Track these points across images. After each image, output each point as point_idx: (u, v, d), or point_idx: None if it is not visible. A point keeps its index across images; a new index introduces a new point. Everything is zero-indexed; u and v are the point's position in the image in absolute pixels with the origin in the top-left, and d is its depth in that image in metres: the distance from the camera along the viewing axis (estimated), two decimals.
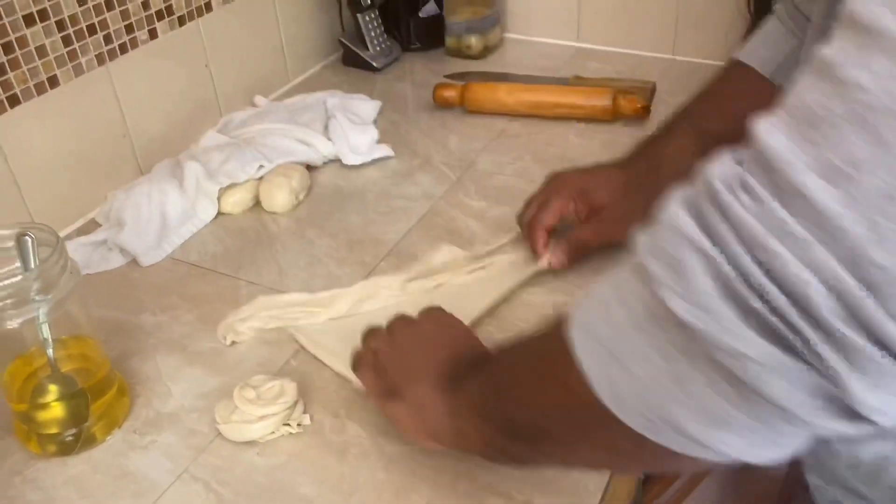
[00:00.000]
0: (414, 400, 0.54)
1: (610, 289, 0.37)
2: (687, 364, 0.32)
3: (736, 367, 0.30)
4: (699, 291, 0.30)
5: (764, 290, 0.29)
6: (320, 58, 1.25)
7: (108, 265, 0.83)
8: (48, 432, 0.64)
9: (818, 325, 0.28)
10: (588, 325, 0.37)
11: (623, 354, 0.35)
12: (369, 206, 0.92)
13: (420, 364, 0.56)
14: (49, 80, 0.84)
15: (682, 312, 0.31)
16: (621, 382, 0.35)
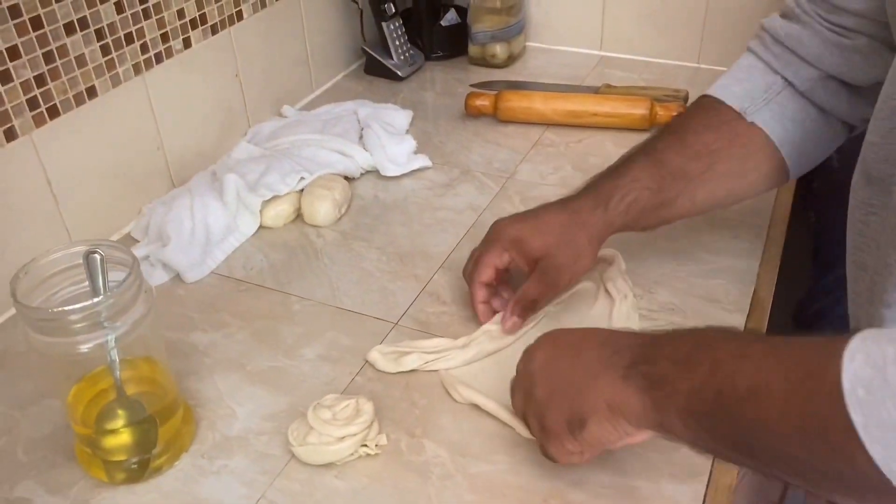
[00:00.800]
0: (599, 405, 0.50)
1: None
2: None
3: None
4: None
5: None
6: (343, 67, 1.23)
7: (151, 282, 0.80)
8: (115, 459, 0.61)
9: None
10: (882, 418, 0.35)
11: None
12: (413, 217, 0.90)
13: (576, 375, 0.52)
14: (87, 90, 0.81)
15: None
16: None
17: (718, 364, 0.44)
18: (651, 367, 0.48)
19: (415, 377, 0.69)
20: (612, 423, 0.50)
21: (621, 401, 0.49)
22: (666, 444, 0.61)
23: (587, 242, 0.69)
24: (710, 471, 0.60)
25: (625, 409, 0.49)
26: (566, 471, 0.60)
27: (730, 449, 0.45)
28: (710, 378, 0.44)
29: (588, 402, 0.50)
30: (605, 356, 0.51)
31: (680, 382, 0.46)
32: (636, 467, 0.60)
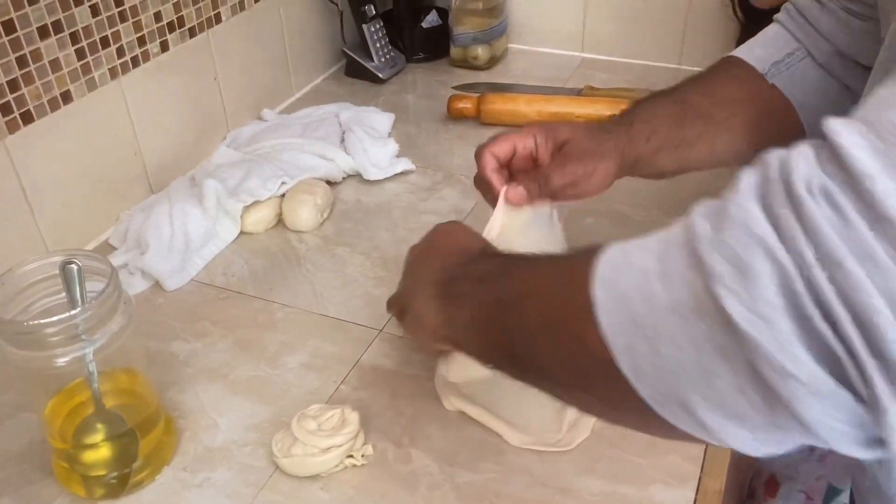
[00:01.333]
0: (416, 312, 0.55)
1: (654, 261, 0.35)
2: (720, 362, 0.31)
3: (777, 383, 0.30)
4: (763, 301, 0.29)
5: (831, 311, 0.28)
6: (323, 69, 1.22)
7: (130, 290, 0.78)
8: (94, 474, 0.59)
9: (879, 354, 0.28)
10: (619, 290, 0.36)
11: (652, 332, 0.34)
12: (398, 222, 0.89)
13: (419, 276, 0.57)
14: (62, 95, 0.79)
15: (738, 317, 0.30)
16: (643, 356, 0.34)
17: (506, 278, 0.47)
18: (454, 287, 0.51)
19: (401, 385, 0.68)
20: (417, 328, 0.56)
21: (426, 315, 0.53)
22: (655, 451, 0.61)
23: (612, 147, 0.66)
24: (700, 476, 0.60)
25: (424, 322, 0.53)
26: (555, 479, 0.59)
27: (504, 359, 0.47)
28: (494, 290, 0.47)
29: (413, 304, 0.55)
30: (438, 267, 0.54)
31: (472, 298, 0.49)
32: (625, 474, 0.59)
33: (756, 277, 0.30)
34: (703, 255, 0.32)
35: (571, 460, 0.61)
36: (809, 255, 0.29)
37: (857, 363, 0.28)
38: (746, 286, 0.30)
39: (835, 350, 0.29)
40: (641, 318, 0.34)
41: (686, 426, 0.34)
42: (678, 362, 0.33)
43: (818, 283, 0.28)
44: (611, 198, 0.89)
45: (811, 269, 0.28)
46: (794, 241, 0.29)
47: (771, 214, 0.30)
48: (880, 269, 0.27)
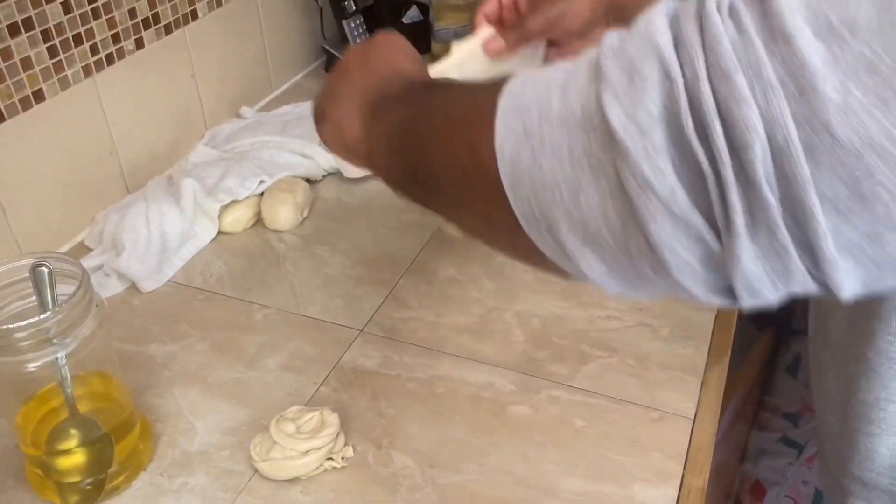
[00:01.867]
0: (335, 119, 0.54)
1: (560, 75, 0.34)
2: (590, 178, 0.31)
3: (635, 195, 0.29)
4: (643, 108, 0.29)
5: (708, 126, 0.27)
6: (303, 66, 1.21)
7: (106, 292, 0.78)
8: (69, 480, 0.58)
9: (745, 178, 0.27)
10: (521, 99, 0.35)
11: (539, 142, 0.33)
12: (378, 220, 0.88)
13: (349, 83, 0.54)
14: (34, 94, 0.77)
15: (615, 123, 0.29)
16: (524, 166, 0.34)
17: (427, 96, 0.47)
18: (380, 105, 0.50)
19: (382, 386, 0.67)
20: (335, 136, 0.54)
21: (348, 126, 0.52)
22: (638, 450, 0.60)
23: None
24: (682, 475, 0.59)
25: (348, 134, 0.52)
26: (537, 480, 0.59)
27: (407, 174, 0.46)
28: (412, 106, 0.47)
29: (332, 111, 0.54)
30: (370, 83, 0.52)
31: (392, 115, 0.48)
32: (607, 473, 0.59)
33: (643, 83, 0.29)
34: (602, 64, 0.31)
35: (554, 460, 0.60)
36: (701, 65, 0.28)
37: (720, 182, 0.28)
38: (632, 93, 0.29)
39: (700, 166, 0.28)
40: (532, 127, 0.34)
41: (548, 249, 0.35)
42: (553, 176, 0.33)
43: (701, 93, 0.27)
44: None
45: (698, 79, 0.28)
46: (688, 52, 0.28)
47: (676, 27, 0.29)
48: (765, 86, 0.26)
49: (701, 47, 0.28)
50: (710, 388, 0.67)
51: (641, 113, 0.29)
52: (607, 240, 0.32)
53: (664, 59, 0.29)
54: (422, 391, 0.66)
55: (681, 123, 0.28)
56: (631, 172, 0.29)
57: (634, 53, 0.30)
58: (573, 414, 0.64)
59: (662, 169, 0.28)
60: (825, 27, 0.26)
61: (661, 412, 0.63)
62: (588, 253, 0.33)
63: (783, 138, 0.26)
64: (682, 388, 0.65)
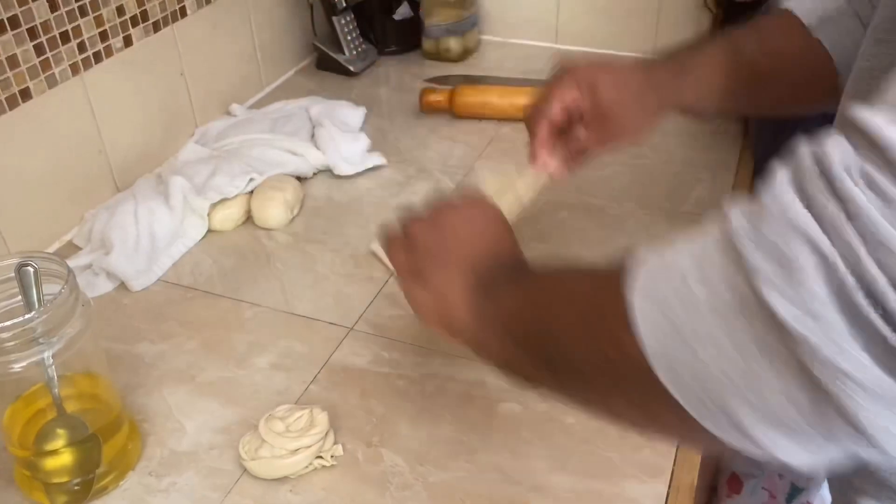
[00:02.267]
0: (439, 286, 0.51)
1: (690, 262, 0.33)
2: (766, 365, 0.30)
3: (829, 382, 0.28)
4: (811, 296, 0.28)
5: (885, 301, 0.26)
6: (294, 63, 1.20)
7: (95, 291, 0.77)
8: (57, 481, 0.58)
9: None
10: (655, 292, 0.34)
11: (691, 335, 0.32)
12: (369, 218, 0.88)
13: (453, 250, 0.52)
14: (21, 92, 0.77)
15: (786, 316, 0.28)
16: (682, 361, 0.33)
17: (542, 281, 0.47)
18: (490, 282, 0.49)
19: (372, 384, 0.67)
20: (435, 307, 0.51)
21: (454, 302, 0.50)
22: (627, 446, 0.60)
23: (656, 107, 0.67)
24: (672, 470, 0.59)
25: (452, 310, 0.50)
26: (527, 476, 0.58)
27: (538, 362, 0.45)
28: (531, 292, 0.46)
29: (436, 278, 0.51)
30: (477, 262, 0.51)
31: (507, 299, 0.47)
32: (598, 470, 0.59)
33: (801, 271, 0.28)
34: (742, 250, 0.30)
35: (544, 457, 0.60)
36: (856, 242, 0.27)
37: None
38: (791, 282, 0.28)
39: (891, 343, 0.27)
40: (680, 321, 0.33)
41: (730, 437, 0.33)
42: (720, 367, 0.31)
43: (867, 270, 0.27)
44: (585, 191, 0.89)
45: (858, 256, 0.27)
46: (837, 230, 0.27)
47: (810, 204, 0.28)
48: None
49: (847, 221, 0.27)
50: None
51: (810, 301, 0.28)
52: (801, 425, 0.30)
53: (814, 242, 0.28)
54: (412, 389, 0.66)
55: (857, 305, 0.27)
56: (818, 360, 0.28)
57: (778, 238, 0.29)
58: (563, 411, 0.63)
59: (851, 352, 0.28)
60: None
61: None
62: (779, 437, 0.31)
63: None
64: None
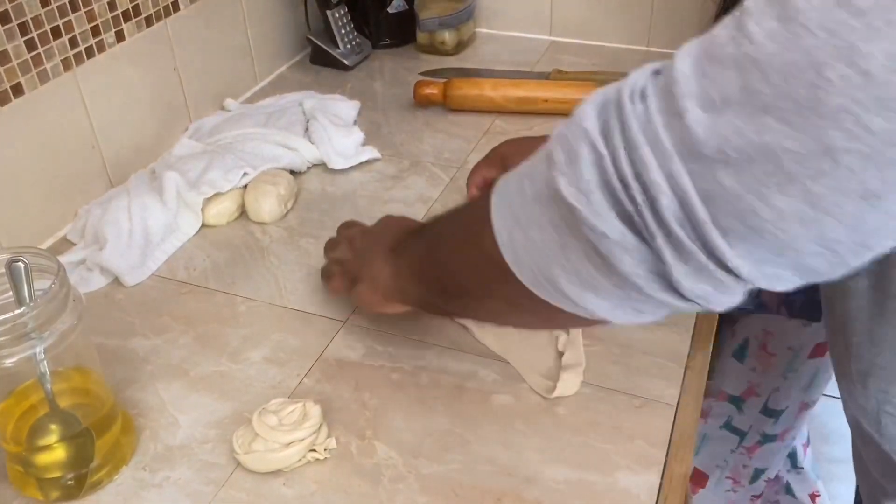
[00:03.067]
0: (369, 275, 0.63)
1: (527, 165, 0.42)
2: (569, 235, 0.38)
3: (598, 243, 0.37)
4: (583, 179, 0.37)
5: (630, 187, 0.35)
6: (287, 57, 1.20)
7: (88, 287, 0.77)
8: (49, 476, 0.58)
9: (661, 223, 0.34)
10: (505, 193, 0.43)
11: (525, 221, 0.41)
12: (363, 211, 0.88)
13: (372, 248, 0.64)
14: (13, 88, 0.77)
15: (565, 193, 0.37)
16: (520, 244, 0.41)
17: (437, 224, 0.57)
18: (399, 245, 0.60)
19: (365, 377, 0.67)
20: (371, 290, 0.63)
21: (379, 274, 0.61)
22: (621, 437, 0.60)
23: None
24: (665, 461, 0.59)
25: (380, 282, 0.61)
26: (520, 468, 0.59)
27: (438, 293, 0.55)
28: (427, 235, 0.57)
29: (364, 271, 0.64)
30: (390, 240, 0.62)
31: (411, 248, 0.58)
32: (590, 461, 0.59)
33: (579, 160, 0.37)
34: (551, 151, 0.39)
35: (537, 448, 0.60)
36: (619, 143, 0.35)
37: (647, 225, 0.35)
38: (572, 167, 0.37)
39: (633, 215, 0.35)
40: (516, 210, 0.42)
41: (559, 302, 0.41)
42: (543, 243, 0.40)
43: (622, 163, 0.35)
44: None
45: (618, 152, 0.35)
46: (610, 133, 0.36)
47: (600, 114, 0.37)
48: (665, 153, 0.34)
49: (619, 129, 0.36)
50: (693, 374, 0.67)
51: (583, 182, 0.37)
52: (599, 280, 0.39)
53: (592, 140, 0.37)
54: (406, 382, 0.66)
55: (613, 186, 0.36)
56: (588, 227, 0.37)
57: (571, 137, 0.38)
58: (556, 402, 0.63)
59: (609, 220, 0.36)
60: (707, 101, 0.33)
61: (643, 399, 0.63)
62: (590, 296, 0.40)
63: (681, 190, 0.34)
64: (666, 374, 0.65)
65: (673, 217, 0.34)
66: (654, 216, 0.35)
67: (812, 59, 0.30)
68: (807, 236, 0.33)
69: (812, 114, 0.30)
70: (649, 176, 0.34)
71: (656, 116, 0.34)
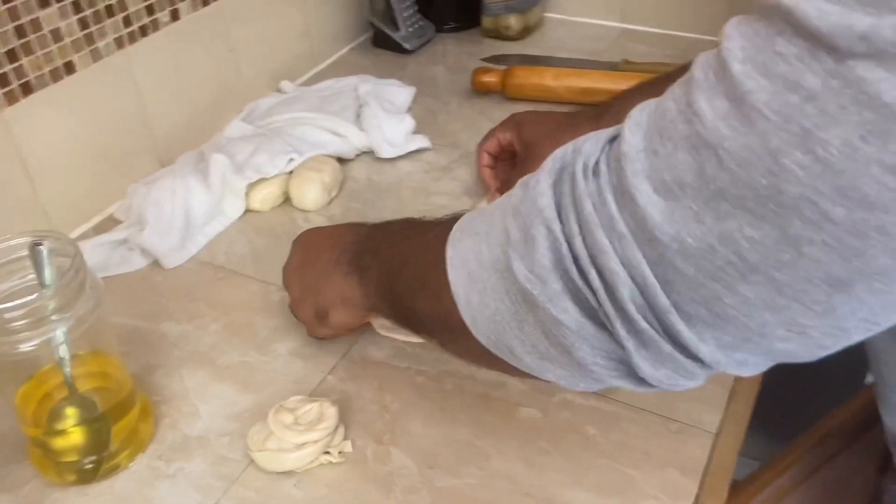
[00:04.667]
0: (335, 299, 0.60)
1: (486, 225, 0.41)
2: (525, 312, 0.37)
3: (554, 330, 0.36)
4: (538, 262, 0.35)
5: (587, 274, 0.34)
6: (349, 39, 1.18)
7: (129, 267, 0.78)
8: (66, 460, 0.58)
9: (620, 310, 0.33)
10: (462, 250, 0.42)
11: (481, 286, 0.40)
12: (406, 203, 0.85)
13: (316, 275, 0.61)
14: (65, 65, 0.77)
15: (520, 276, 0.36)
16: (476, 307, 0.40)
17: (394, 247, 0.55)
18: (360, 261, 0.58)
19: (389, 378, 0.65)
20: (347, 310, 0.60)
21: (348, 292, 0.59)
22: (650, 463, 0.56)
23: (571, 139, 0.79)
24: (697, 494, 0.55)
25: (352, 299, 0.59)
26: (540, 489, 0.55)
27: (399, 314, 0.54)
28: (385, 258, 0.55)
29: (327, 297, 0.60)
30: (334, 257, 0.60)
31: (374, 269, 0.56)
32: (617, 488, 0.55)
33: (535, 242, 0.35)
34: (506, 221, 0.38)
35: (559, 468, 0.57)
36: (574, 225, 0.34)
37: (605, 312, 0.34)
38: (528, 250, 0.36)
39: (591, 301, 0.34)
40: (473, 272, 0.40)
41: (519, 366, 0.41)
42: (499, 313, 0.39)
43: (577, 248, 0.34)
44: None
45: (574, 237, 0.34)
46: (565, 213, 0.35)
47: (556, 191, 0.36)
48: (621, 238, 0.32)
49: (573, 208, 0.34)
50: (738, 400, 0.62)
51: (538, 267, 0.35)
52: (555, 356, 0.37)
53: (547, 221, 0.35)
54: (429, 386, 0.64)
55: (569, 273, 0.34)
56: (544, 313, 0.36)
57: (526, 215, 0.36)
58: (585, 420, 0.60)
59: (566, 307, 0.35)
60: (661, 184, 0.31)
61: (680, 424, 0.59)
62: (548, 366, 0.39)
63: (641, 278, 0.32)
64: (707, 397, 0.61)
65: (633, 304, 0.33)
66: (612, 303, 0.33)
67: (768, 146, 0.28)
68: (776, 322, 0.31)
69: (772, 203, 0.28)
70: (606, 262, 0.33)
71: (609, 196, 0.33)
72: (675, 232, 0.31)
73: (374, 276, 0.56)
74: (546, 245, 0.35)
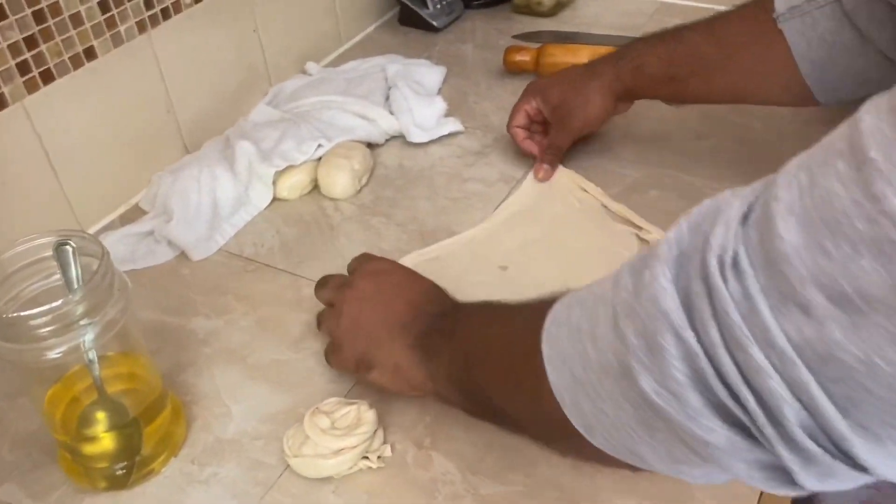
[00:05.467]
0: (387, 363, 0.55)
1: (587, 320, 0.36)
2: (657, 419, 0.32)
3: (699, 449, 0.31)
4: (671, 377, 0.30)
5: (737, 392, 0.29)
6: (375, 17, 1.14)
7: (155, 260, 0.75)
8: (97, 466, 0.56)
9: (786, 436, 0.28)
10: (561, 348, 0.37)
11: (593, 392, 0.35)
12: (439, 190, 0.82)
13: (378, 325, 0.56)
14: (86, 51, 0.75)
15: (649, 391, 0.31)
16: (590, 413, 0.36)
17: (469, 332, 0.51)
18: (428, 341, 0.53)
19: None
20: (394, 379, 0.55)
21: (407, 367, 0.54)
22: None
23: (597, 90, 0.77)
24: (761, 495, 0.52)
25: (409, 375, 0.54)
26: (589, 498, 0.53)
27: (478, 407, 0.51)
28: (462, 345, 0.50)
29: (380, 355, 0.55)
30: (405, 320, 0.55)
31: (445, 355, 0.51)
32: (671, 496, 0.52)
33: (662, 353, 0.30)
34: (619, 321, 0.33)
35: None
36: (714, 335, 0.29)
37: (763, 433, 0.29)
38: (655, 361, 0.31)
39: (744, 421, 0.30)
40: (580, 377, 0.36)
41: (648, 469, 0.37)
42: (620, 419, 0.34)
43: (722, 364, 0.29)
44: (681, 167, 0.80)
45: (715, 348, 0.29)
46: (700, 319, 0.29)
47: (680, 288, 0.30)
48: (784, 358, 0.27)
49: (712, 317, 0.29)
50: None
51: (671, 382, 0.30)
52: (696, 462, 0.33)
53: (677, 329, 0.30)
54: None
55: (713, 389, 0.29)
56: (683, 431, 0.31)
57: (647, 318, 0.31)
58: None
59: (711, 427, 0.30)
60: (839, 295, 0.26)
61: None
62: (685, 468, 0.35)
63: (809, 399, 0.27)
64: None
65: (801, 428, 0.28)
66: (774, 427, 0.28)
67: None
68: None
69: None
70: (765, 383, 0.28)
71: (762, 304, 0.27)
72: (862, 354, 0.26)
73: (445, 361, 0.51)
74: (678, 356, 0.30)
